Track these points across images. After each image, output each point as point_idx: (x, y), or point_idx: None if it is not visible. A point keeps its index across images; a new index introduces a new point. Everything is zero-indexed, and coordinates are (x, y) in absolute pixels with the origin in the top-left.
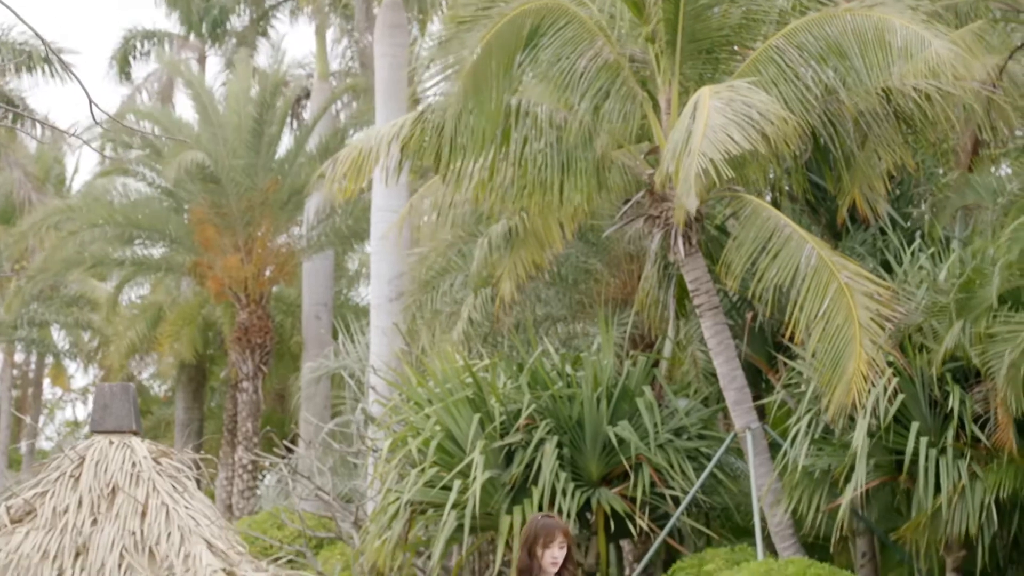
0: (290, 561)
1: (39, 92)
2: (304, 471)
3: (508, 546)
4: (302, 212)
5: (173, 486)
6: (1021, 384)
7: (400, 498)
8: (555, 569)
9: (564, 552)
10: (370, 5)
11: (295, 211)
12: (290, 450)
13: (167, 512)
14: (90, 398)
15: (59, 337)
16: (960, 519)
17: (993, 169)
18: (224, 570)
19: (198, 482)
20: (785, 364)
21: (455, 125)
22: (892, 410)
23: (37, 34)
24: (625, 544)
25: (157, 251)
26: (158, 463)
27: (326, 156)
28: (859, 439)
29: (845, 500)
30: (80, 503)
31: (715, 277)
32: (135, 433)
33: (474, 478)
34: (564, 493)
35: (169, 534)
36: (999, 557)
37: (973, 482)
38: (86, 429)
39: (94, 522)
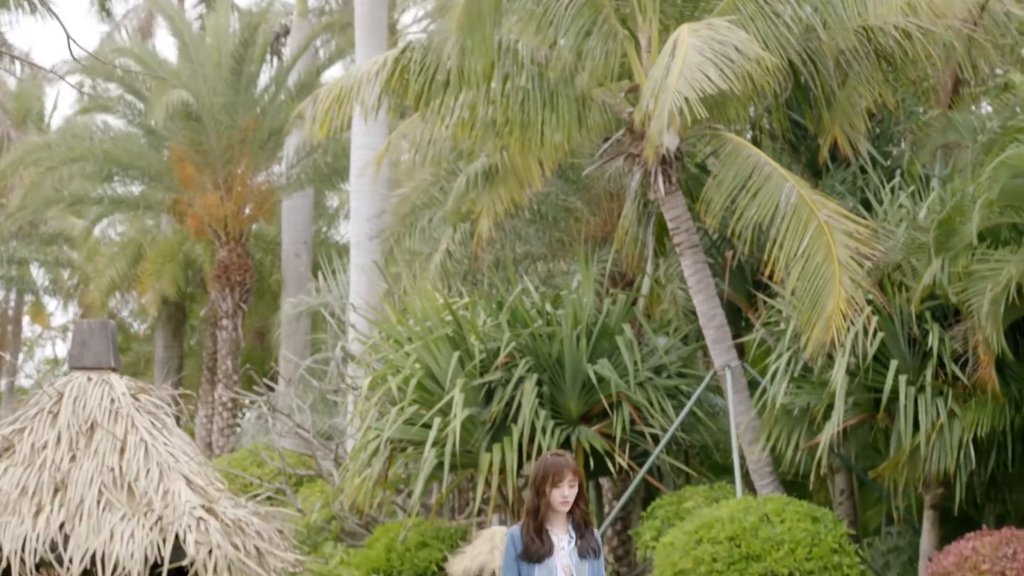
0: (270, 498)
1: (19, 29)
2: (284, 409)
3: (488, 483)
4: (282, 150)
5: (152, 423)
6: (1001, 322)
7: (380, 436)
8: (565, 508)
9: (575, 491)
10: None
11: (275, 149)
12: (270, 388)
13: (146, 448)
14: (70, 336)
15: (39, 275)
16: (938, 457)
17: (973, 107)
18: (203, 506)
19: (177, 419)
20: (764, 302)
21: (455, 62)
22: (871, 348)
23: None
24: (604, 482)
25: (136, 188)
26: (137, 400)
27: (306, 94)
28: (838, 377)
29: (824, 438)
30: (59, 439)
31: (695, 215)
32: (114, 370)
33: (454, 416)
34: (544, 431)
35: (148, 470)
36: (976, 495)
37: (951, 420)
38: (65, 367)
39: (73, 458)
